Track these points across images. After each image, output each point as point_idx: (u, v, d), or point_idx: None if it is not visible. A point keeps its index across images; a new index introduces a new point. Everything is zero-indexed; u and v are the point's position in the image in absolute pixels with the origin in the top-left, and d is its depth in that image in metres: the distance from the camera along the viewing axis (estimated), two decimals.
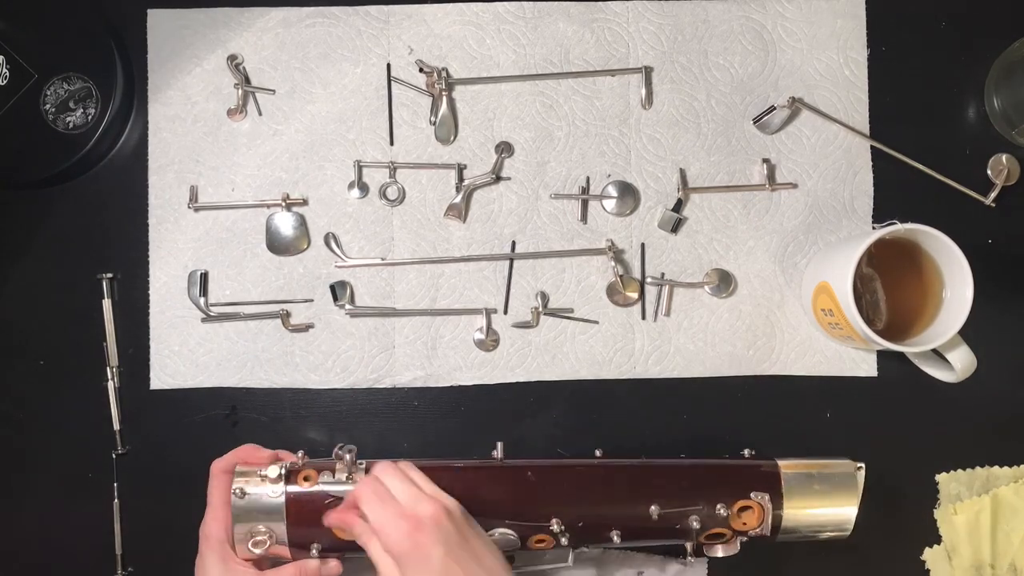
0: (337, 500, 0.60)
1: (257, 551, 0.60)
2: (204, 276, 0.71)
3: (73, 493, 0.71)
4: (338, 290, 0.71)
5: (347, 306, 0.71)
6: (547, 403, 0.72)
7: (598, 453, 0.66)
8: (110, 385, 0.71)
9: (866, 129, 0.73)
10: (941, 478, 0.72)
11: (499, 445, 0.64)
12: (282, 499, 0.60)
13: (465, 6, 0.73)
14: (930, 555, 0.72)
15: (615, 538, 0.62)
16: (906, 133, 0.73)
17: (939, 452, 0.72)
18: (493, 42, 0.73)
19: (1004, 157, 0.72)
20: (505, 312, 0.72)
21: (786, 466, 0.65)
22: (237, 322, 0.71)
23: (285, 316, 0.71)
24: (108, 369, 0.71)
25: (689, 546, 0.63)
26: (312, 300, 0.72)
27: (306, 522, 0.60)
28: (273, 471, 0.60)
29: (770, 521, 0.63)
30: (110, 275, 0.71)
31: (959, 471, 0.72)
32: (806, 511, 0.64)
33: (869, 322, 0.65)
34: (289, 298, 0.71)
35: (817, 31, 0.73)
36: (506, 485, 0.62)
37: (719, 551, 0.64)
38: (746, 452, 0.67)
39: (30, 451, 0.71)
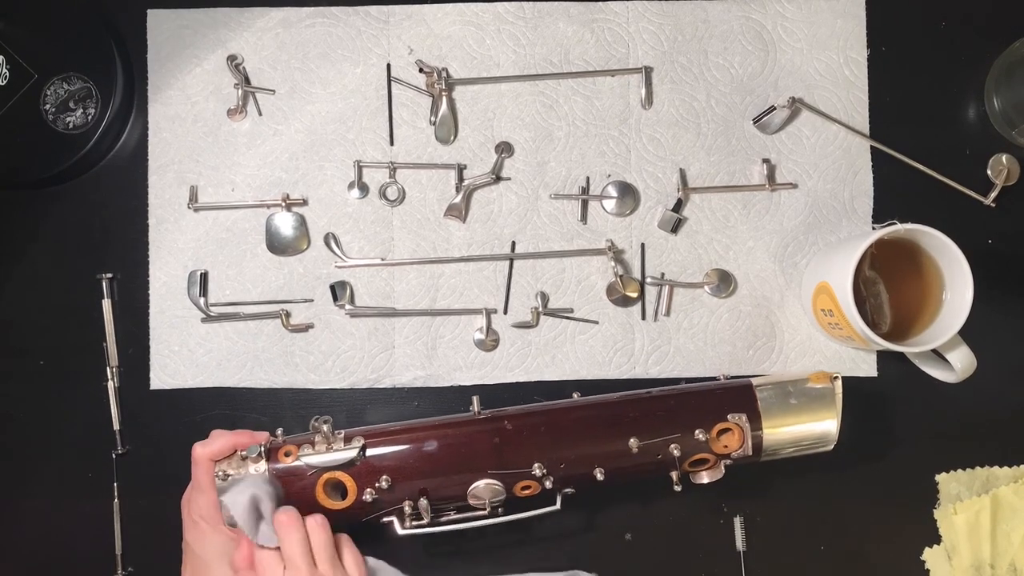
0: (319, 471, 0.61)
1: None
2: (204, 276, 0.71)
3: (73, 493, 0.71)
4: (338, 290, 0.71)
5: (347, 306, 0.71)
6: None
7: (576, 395, 0.67)
8: (110, 385, 0.71)
9: (866, 129, 0.73)
10: (941, 478, 0.72)
11: (475, 399, 0.65)
12: (266, 476, 0.61)
13: (465, 6, 0.73)
14: (930, 555, 0.72)
15: (599, 475, 0.63)
16: (906, 133, 0.73)
17: (939, 452, 0.72)
18: (493, 42, 0.73)
19: (1004, 157, 0.72)
20: (505, 312, 0.72)
21: (760, 384, 0.65)
22: (237, 322, 0.71)
23: (285, 316, 0.71)
24: (108, 369, 0.71)
25: (675, 475, 0.64)
26: (312, 300, 0.72)
27: (291, 496, 0.61)
28: (254, 450, 0.61)
29: (751, 442, 0.64)
30: (110, 275, 0.71)
31: (959, 471, 0.72)
32: (785, 429, 0.64)
33: (874, 325, 0.65)
34: (289, 298, 0.71)
35: (817, 31, 0.73)
36: (485, 438, 0.63)
37: (704, 477, 0.65)
38: (721, 376, 0.69)
39: (30, 451, 0.71)
